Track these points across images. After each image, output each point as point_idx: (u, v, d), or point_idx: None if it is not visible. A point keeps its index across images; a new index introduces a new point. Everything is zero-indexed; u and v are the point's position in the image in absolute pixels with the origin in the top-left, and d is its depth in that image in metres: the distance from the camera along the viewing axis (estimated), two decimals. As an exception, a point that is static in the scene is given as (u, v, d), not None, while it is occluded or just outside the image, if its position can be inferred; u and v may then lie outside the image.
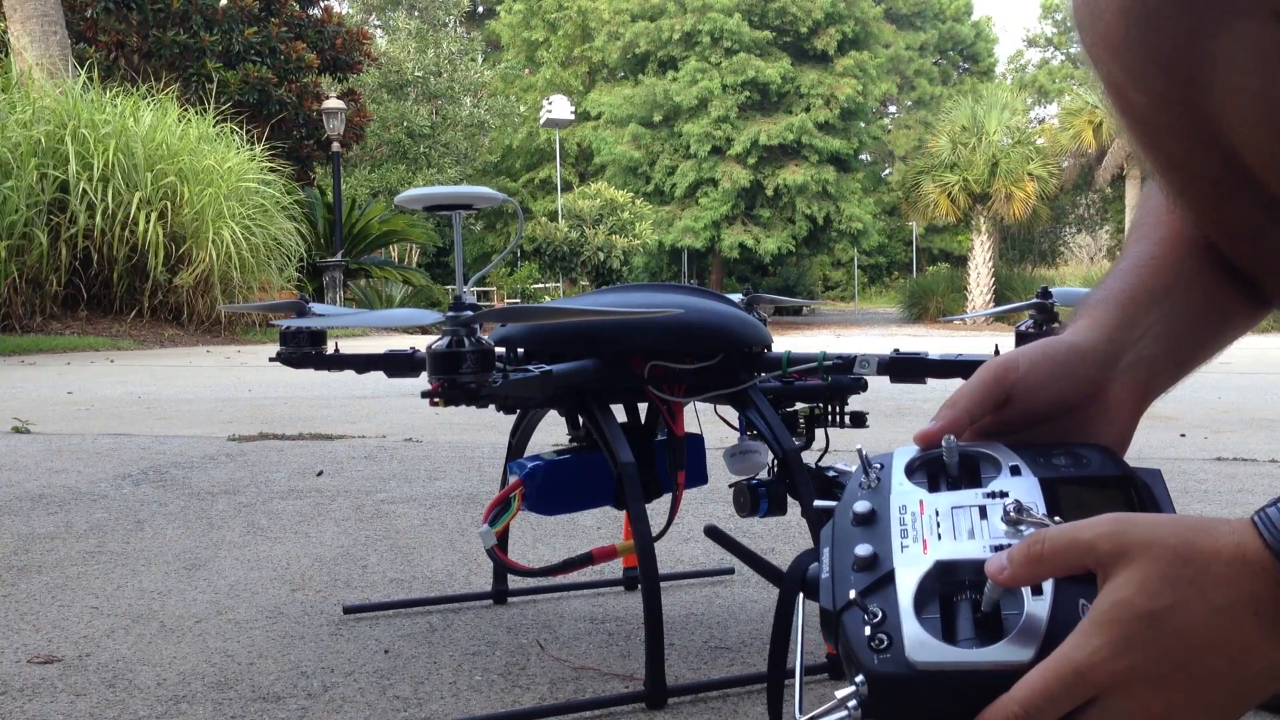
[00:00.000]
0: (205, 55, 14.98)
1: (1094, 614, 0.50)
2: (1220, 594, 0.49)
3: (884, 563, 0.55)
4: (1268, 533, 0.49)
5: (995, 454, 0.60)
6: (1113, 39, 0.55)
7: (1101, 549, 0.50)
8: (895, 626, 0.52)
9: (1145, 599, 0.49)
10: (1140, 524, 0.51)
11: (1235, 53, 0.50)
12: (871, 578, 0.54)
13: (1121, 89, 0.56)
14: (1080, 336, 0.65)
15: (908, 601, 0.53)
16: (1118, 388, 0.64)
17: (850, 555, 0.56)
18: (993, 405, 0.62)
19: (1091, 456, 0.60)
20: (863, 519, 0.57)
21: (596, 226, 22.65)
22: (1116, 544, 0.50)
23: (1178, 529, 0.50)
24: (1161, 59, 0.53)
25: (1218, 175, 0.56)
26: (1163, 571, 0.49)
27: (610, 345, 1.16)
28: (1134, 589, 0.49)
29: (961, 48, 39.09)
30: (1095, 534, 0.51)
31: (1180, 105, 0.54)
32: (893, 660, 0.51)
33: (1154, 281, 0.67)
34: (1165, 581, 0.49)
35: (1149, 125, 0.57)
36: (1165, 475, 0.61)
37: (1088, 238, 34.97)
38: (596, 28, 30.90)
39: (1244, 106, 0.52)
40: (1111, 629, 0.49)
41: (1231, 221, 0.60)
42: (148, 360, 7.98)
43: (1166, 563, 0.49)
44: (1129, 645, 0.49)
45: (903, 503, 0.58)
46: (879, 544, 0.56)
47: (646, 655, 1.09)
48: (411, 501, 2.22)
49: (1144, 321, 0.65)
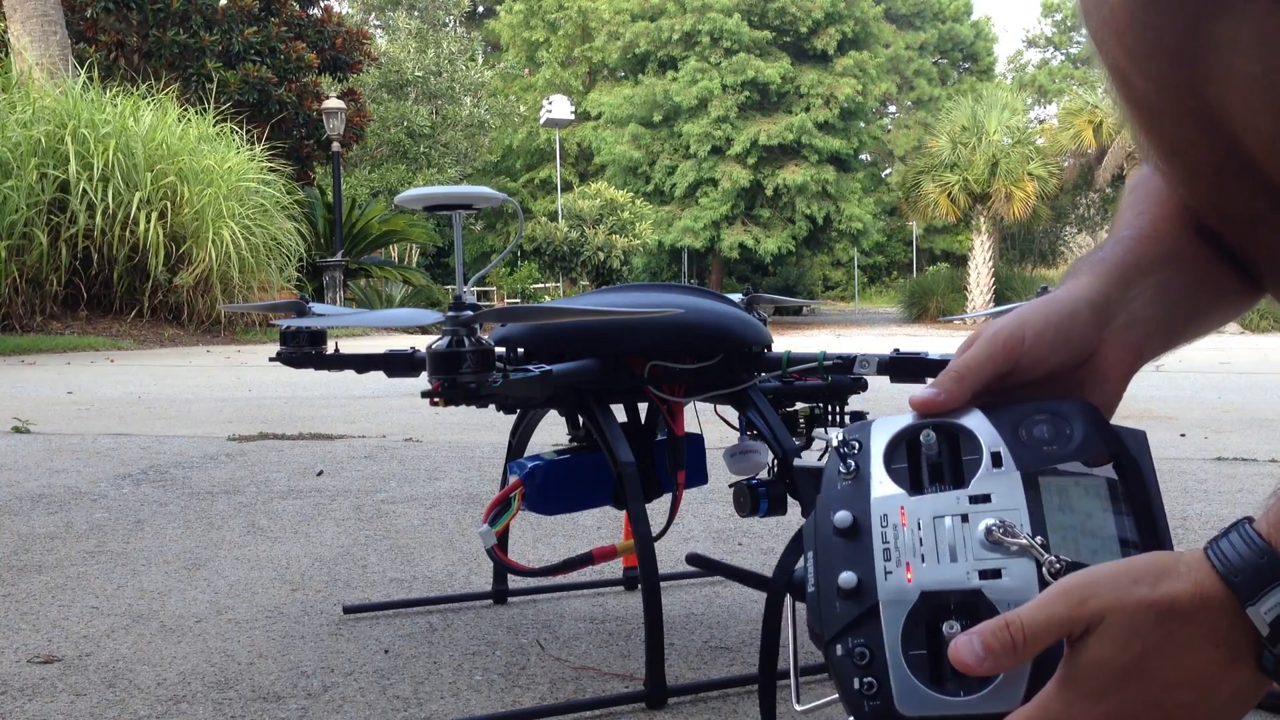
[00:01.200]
0: (205, 55, 14.98)
1: (1068, 671, 0.51)
2: (1183, 631, 0.50)
3: (868, 595, 0.55)
4: (1220, 565, 0.50)
5: (976, 432, 0.60)
6: (1116, 23, 0.55)
7: (1080, 618, 0.51)
8: (883, 671, 0.53)
9: (1117, 653, 0.50)
10: (1104, 584, 0.52)
11: (1237, 37, 0.51)
12: (857, 609, 0.55)
13: (1125, 74, 0.57)
14: (1077, 295, 0.64)
15: (894, 641, 0.53)
16: (1111, 349, 0.64)
17: (835, 579, 0.56)
18: (1000, 375, 0.62)
19: (1075, 426, 0.59)
20: (845, 532, 0.57)
21: (596, 226, 22.65)
22: (1089, 612, 0.51)
23: (1139, 580, 0.52)
24: (1165, 44, 0.53)
25: (1219, 162, 0.57)
26: (1131, 624, 0.50)
27: (610, 345, 1.16)
28: (1106, 647, 0.51)
29: (961, 47, 39.09)
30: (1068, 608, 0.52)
31: (1183, 91, 0.54)
32: (882, 708, 0.52)
33: (1152, 250, 0.67)
34: (1134, 633, 0.50)
35: (1152, 111, 0.57)
36: (1165, 475, 0.61)
37: (1088, 238, 34.94)
38: (597, 28, 30.90)
39: (1245, 92, 0.52)
40: (1086, 685, 0.51)
41: (1232, 208, 0.60)
42: (148, 360, 7.98)
43: (1133, 614, 0.51)
44: (1104, 691, 0.50)
45: (884, 511, 0.58)
46: (862, 568, 0.56)
47: (646, 655, 1.09)
48: (411, 501, 2.22)
49: (1140, 284, 0.65)
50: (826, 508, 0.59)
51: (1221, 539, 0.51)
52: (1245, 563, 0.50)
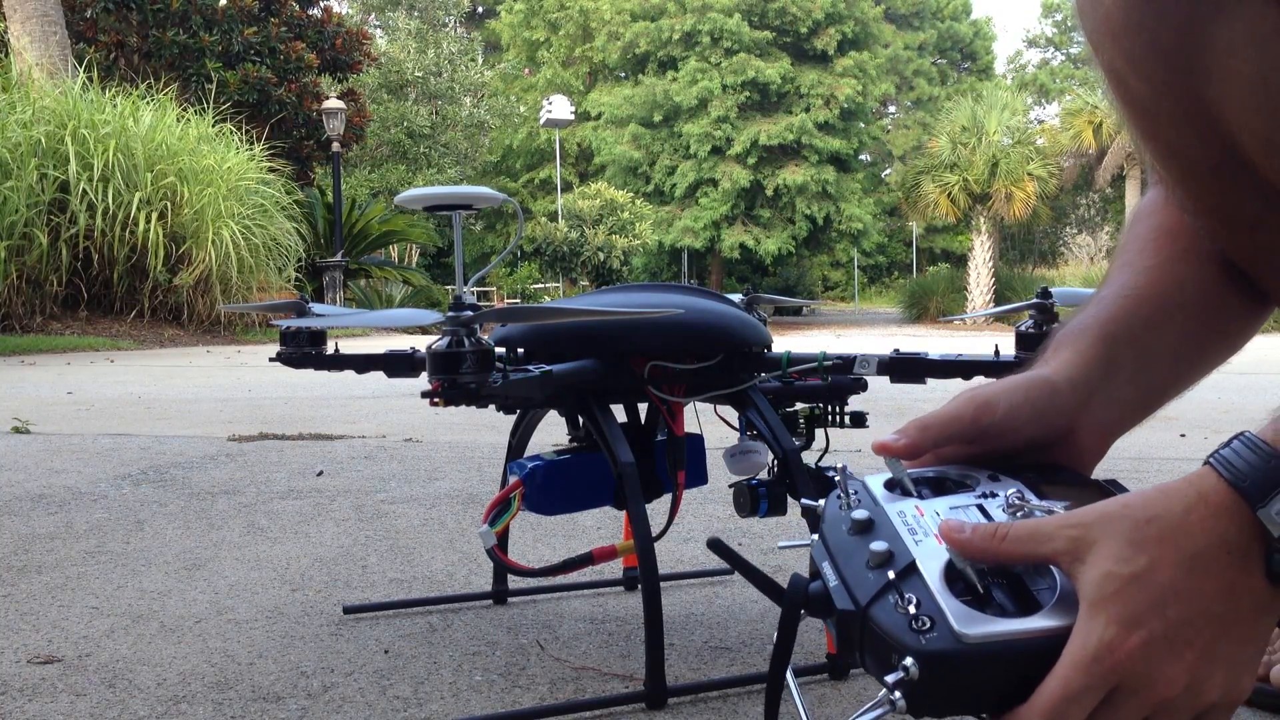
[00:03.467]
0: (205, 55, 14.98)
1: (1086, 598, 0.50)
2: (1190, 543, 0.50)
3: (901, 556, 0.54)
4: (1226, 470, 0.50)
5: (967, 471, 0.60)
6: (1113, 25, 0.55)
7: (1062, 535, 0.51)
8: (934, 608, 0.51)
9: (1124, 565, 0.49)
10: (1094, 508, 0.52)
11: (1233, 38, 0.51)
12: (892, 569, 0.53)
13: (1122, 76, 0.57)
14: (1059, 376, 0.64)
15: (939, 584, 0.52)
16: (1085, 431, 0.64)
17: (864, 554, 0.54)
18: (961, 440, 0.62)
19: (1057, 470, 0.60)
20: (862, 526, 0.56)
21: (596, 227, 22.65)
22: (1076, 530, 0.51)
23: (1131, 499, 0.52)
24: (1161, 45, 0.53)
25: (1216, 163, 0.57)
26: (1129, 538, 0.50)
27: (610, 345, 1.16)
28: (1110, 561, 0.49)
29: (960, 46, 39.09)
30: (1054, 524, 0.52)
31: (1179, 92, 0.54)
32: (940, 637, 0.50)
33: (1135, 313, 0.67)
34: (1134, 546, 0.50)
35: (1149, 113, 0.57)
36: (1165, 475, 0.61)
37: (1088, 238, 34.96)
38: (597, 28, 30.91)
39: (1241, 93, 0.52)
40: (1110, 605, 0.49)
41: (1229, 210, 0.61)
42: (148, 360, 7.98)
43: (1130, 528, 0.50)
44: (1134, 616, 0.49)
45: (900, 509, 0.57)
46: (890, 542, 0.55)
47: (646, 655, 1.09)
48: (411, 501, 2.22)
49: (1120, 359, 0.65)
50: (836, 520, 0.58)
51: (1222, 449, 0.51)
52: (1252, 468, 0.50)
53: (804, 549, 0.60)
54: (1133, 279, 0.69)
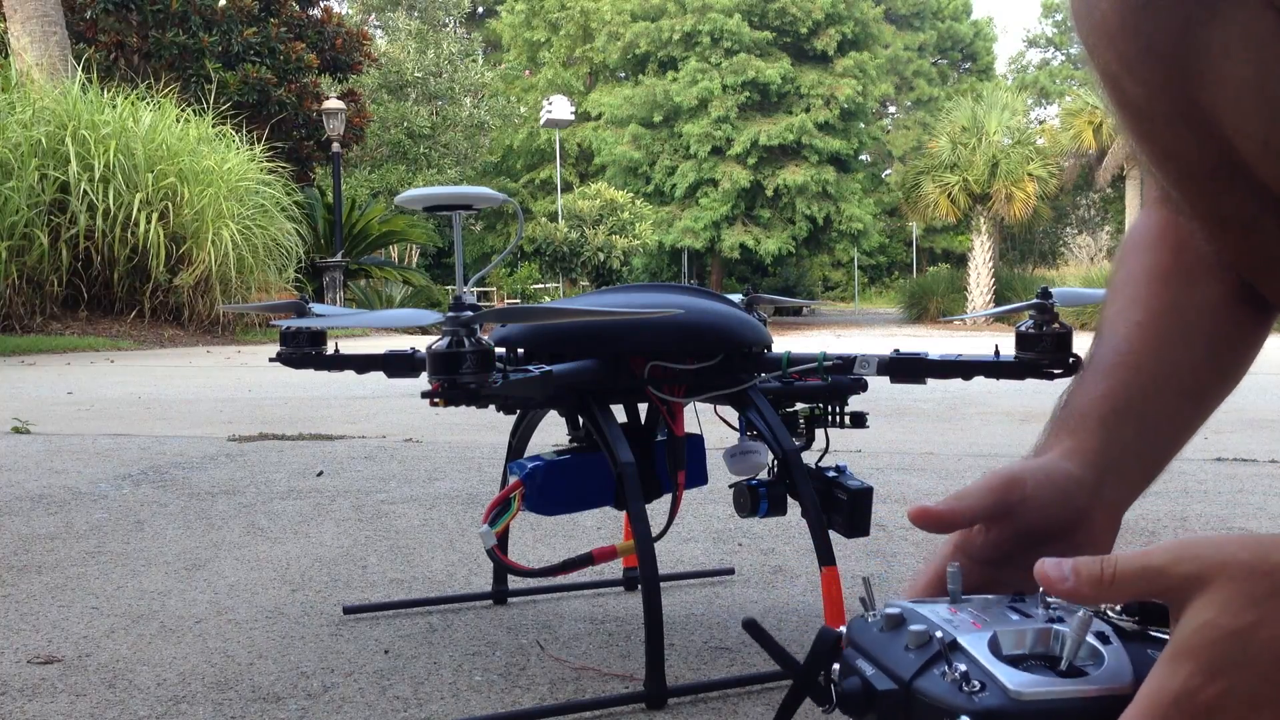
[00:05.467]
0: (204, 56, 14.98)
1: (1177, 641, 0.48)
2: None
3: (944, 637, 0.52)
4: None
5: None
6: (1108, 28, 0.55)
7: (1175, 573, 0.49)
8: (983, 673, 0.49)
9: (1229, 618, 0.47)
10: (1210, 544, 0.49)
11: (1229, 41, 0.51)
12: (935, 648, 0.51)
13: (1117, 79, 0.57)
14: (1075, 464, 0.65)
15: (985, 653, 0.50)
16: (1101, 516, 0.64)
17: (901, 640, 0.52)
18: (995, 513, 0.62)
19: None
20: (896, 621, 0.54)
21: (596, 227, 22.66)
22: (1191, 567, 0.49)
23: (1249, 545, 0.49)
24: (1156, 48, 0.53)
25: (1212, 166, 0.56)
26: (1242, 589, 0.47)
27: (610, 345, 1.16)
28: (1216, 610, 0.48)
29: (960, 47, 39.10)
30: (1167, 558, 0.49)
31: (1175, 95, 0.54)
32: (993, 695, 0.48)
33: (1133, 383, 0.67)
34: (1248, 599, 0.47)
35: (1144, 116, 0.57)
36: (1165, 476, 0.61)
37: (1088, 238, 34.97)
38: (598, 28, 30.91)
39: (1237, 96, 0.52)
40: (1199, 654, 0.47)
41: (1226, 213, 0.60)
42: (148, 360, 7.98)
43: (1244, 579, 0.48)
44: (1221, 667, 0.47)
45: (931, 609, 0.55)
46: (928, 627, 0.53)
47: (646, 655, 1.09)
48: (411, 501, 2.22)
49: (1123, 438, 0.66)
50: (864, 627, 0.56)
51: None
52: None
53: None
54: (1126, 337, 0.69)
